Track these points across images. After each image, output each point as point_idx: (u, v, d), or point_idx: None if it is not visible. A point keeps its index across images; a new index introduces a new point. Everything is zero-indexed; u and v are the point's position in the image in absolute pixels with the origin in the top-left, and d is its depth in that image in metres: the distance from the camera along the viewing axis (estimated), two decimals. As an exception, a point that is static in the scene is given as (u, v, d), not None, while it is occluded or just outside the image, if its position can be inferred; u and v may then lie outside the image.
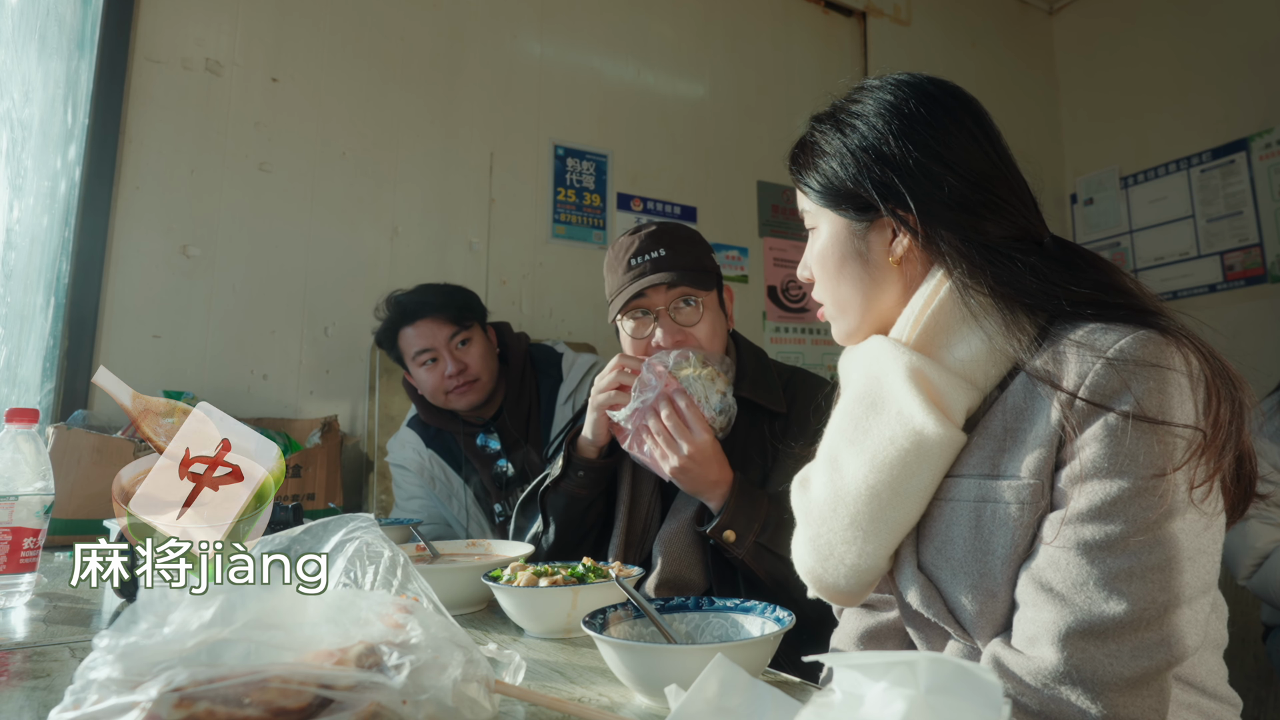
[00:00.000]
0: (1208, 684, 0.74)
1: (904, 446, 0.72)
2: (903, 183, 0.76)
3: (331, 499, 1.98)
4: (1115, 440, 0.64)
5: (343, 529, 0.63)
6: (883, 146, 0.78)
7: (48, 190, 1.99)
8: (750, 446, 1.28)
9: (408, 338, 1.86)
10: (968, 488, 0.72)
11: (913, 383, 0.73)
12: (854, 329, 0.85)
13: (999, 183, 0.77)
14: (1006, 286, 0.72)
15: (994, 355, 0.73)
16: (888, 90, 0.82)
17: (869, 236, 0.81)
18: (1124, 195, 3.53)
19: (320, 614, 0.49)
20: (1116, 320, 0.68)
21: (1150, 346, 0.65)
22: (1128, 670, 0.61)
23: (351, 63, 2.39)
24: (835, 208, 0.82)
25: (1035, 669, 0.64)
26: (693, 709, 0.44)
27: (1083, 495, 0.65)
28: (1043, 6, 3.92)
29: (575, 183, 2.71)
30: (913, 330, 0.76)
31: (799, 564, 0.81)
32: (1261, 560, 1.67)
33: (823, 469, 0.79)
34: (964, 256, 0.74)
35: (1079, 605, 0.63)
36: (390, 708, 0.44)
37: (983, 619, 0.70)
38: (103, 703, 0.41)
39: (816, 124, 0.86)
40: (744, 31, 3.13)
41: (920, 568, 0.75)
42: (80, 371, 1.94)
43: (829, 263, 0.84)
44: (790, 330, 3.08)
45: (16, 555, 1.01)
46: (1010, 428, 0.71)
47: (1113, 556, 0.63)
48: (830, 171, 0.82)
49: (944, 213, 0.75)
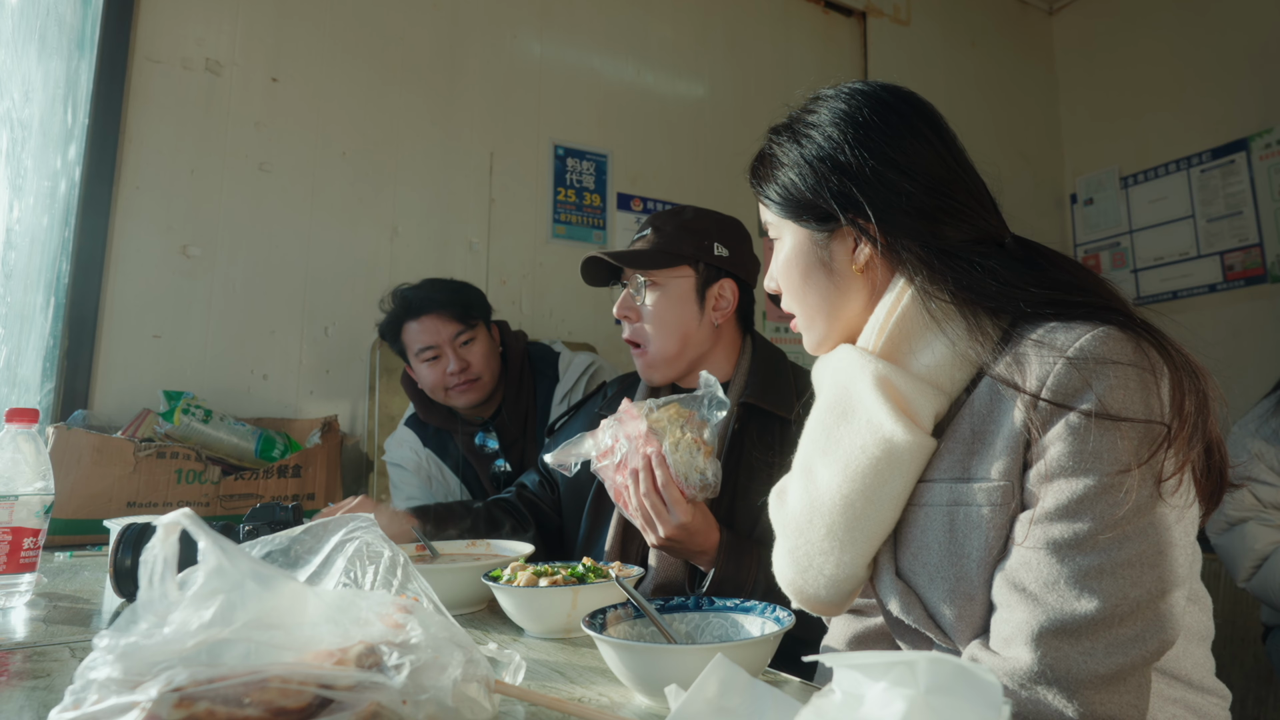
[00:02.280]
0: (1194, 677, 0.74)
1: (875, 454, 0.72)
2: (860, 192, 0.77)
3: (331, 499, 1.98)
4: (1079, 439, 0.64)
5: (343, 529, 0.63)
6: (839, 156, 0.79)
7: (48, 190, 1.99)
8: (756, 455, 1.25)
9: (411, 332, 1.85)
10: (940, 492, 0.72)
11: (880, 391, 0.73)
12: (823, 338, 0.86)
13: (956, 187, 0.78)
14: (967, 291, 0.73)
15: (959, 360, 0.73)
16: (842, 99, 0.82)
17: (831, 246, 0.82)
18: (1124, 195, 3.53)
19: (320, 614, 0.49)
20: (1076, 318, 0.69)
21: (1110, 343, 0.65)
22: (1103, 667, 0.61)
23: (351, 63, 2.39)
24: (796, 219, 0.83)
25: (1011, 670, 0.64)
26: (693, 709, 0.44)
27: (1050, 495, 0.65)
28: (1043, 6, 3.92)
29: (575, 183, 2.71)
30: (878, 338, 0.77)
31: (780, 577, 0.81)
32: (1261, 562, 1.67)
33: (798, 480, 0.80)
34: (924, 263, 0.75)
35: (1051, 604, 0.63)
36: (390, 708, 0.44)
37: (962, 623, 0.70)
38: (103, 703, 0.41)
39: (774, 136, 0.87)
40: (744, 31, 3.13)
41: (899, 574, 0.75)
42: (80, 371, 1.94)
43: (794, 273, 0.85)
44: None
45: (16, 555, 1.01)
46: (978, 431, 0.71)
47: (1082, 554, 0.63)
48: (789, 182, 0.82)
49: (903, 220, 0.76)
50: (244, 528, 1.10)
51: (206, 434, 1.91)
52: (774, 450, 1.26)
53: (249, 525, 1.10)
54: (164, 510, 1.66)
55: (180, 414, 1.89)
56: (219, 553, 0.46)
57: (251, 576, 0.47)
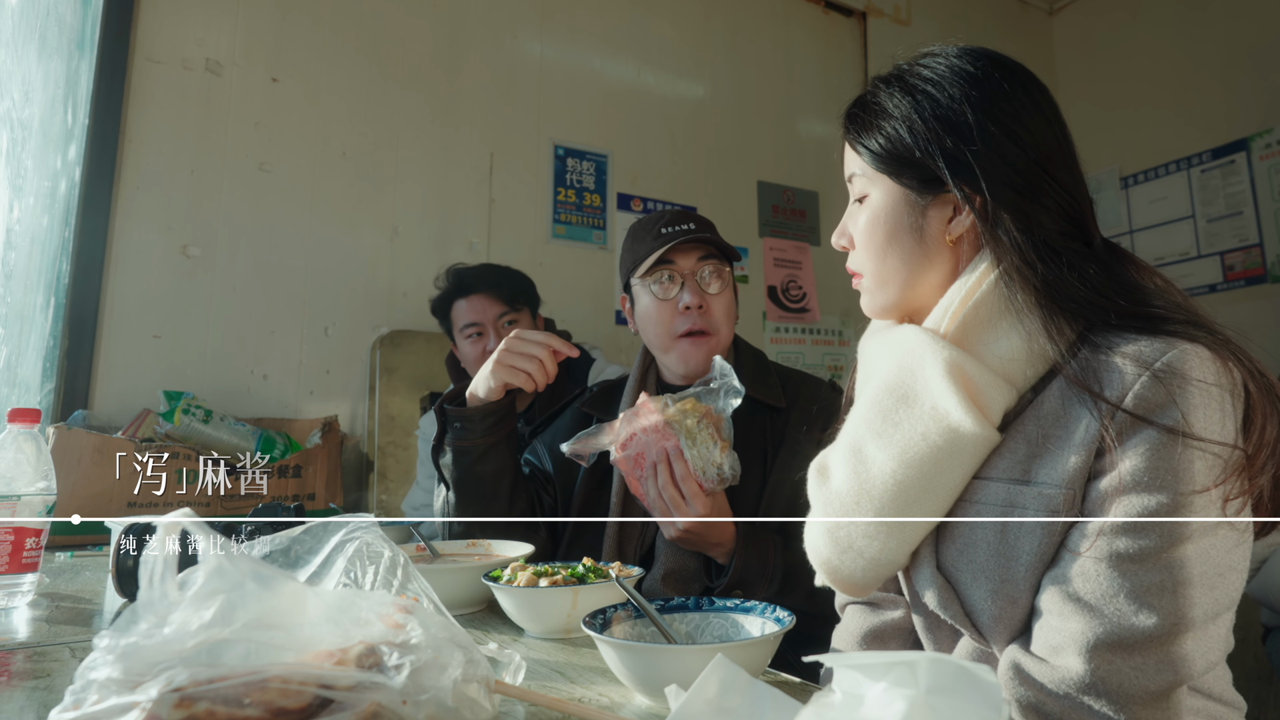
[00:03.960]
0: (1214, 689, 0.74)
1: (937, 443, 0.70)
2: (975, 158, 0.71)
3: (331, 499, 1.98)
4: (1158, 455, 0.62)
5: (343, 529, 0.63)
6: (957, 116, 0.73)
7: (48, 190, 1.99)
8: (751, 441, 1.28)
9: (459, 309, 1.91)
10: (996, 491, 0.70)
11: (951, 378, 0.70)
12: (891, 304, 0.81)
13: (1063, 169, 0.74)
14: (1053, 289, 0.70)
15: (1032, 355, 0.71)
16: (966, 59, 0.76)
17: (928, 211, 0.77)
18: (1124, 195, 3.53)
19: (320, 614, 0.49)
20: (1162, 333, 0.67)
21: (1197, 361, 0.64)
22: (1152, 684, 0.61)
23: (351, 62, 2.39)
24: (895, 175, 0.77)
25: (1060, 678, 0.63)
26: (693, 709, 0.44)
27: (1119, 507, 0.64)
28: (1043, 6, 3.92)
29: (575, 183, 2.71)
30: (951, 322, 0.73)
31: (813, 553, 0.79)
32: (1260, 564, 1.67)
33: (845, 459, 0.77)
34: (1019, 247, 0.71)
35: (1108, 617, 0.62)
36: (390, 708, 0.44)
37: (1001, 623, 0.69)
38: (103, 703, 0.41)
39: (881, 84, 0.80)
40: (744, 31, 3.13)
41: (939, 568, 0.74)
42: (80, 371, 1.94)
43: (878, 233, 0.79)
44: (790, 330, 3.07)
45: (19, 555, 1.01)
46: (1045, 433, 0.69)
47: (1145, 570, 0.62)
48: (895, 136, 0.76)
49: (1010, 196, 0.72)
50: (245, 528, 1.10)
51: (207, 434, 1.91)
52: (766, 437, 1.29)
53: (250, 525, 1.10)
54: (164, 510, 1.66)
55: (180, 414, 1.89)
56: (219, 553, 0.46)
57: (252, 577, 0.47)
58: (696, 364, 1.33)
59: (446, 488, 1.30)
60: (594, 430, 1.18)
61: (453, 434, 1.27)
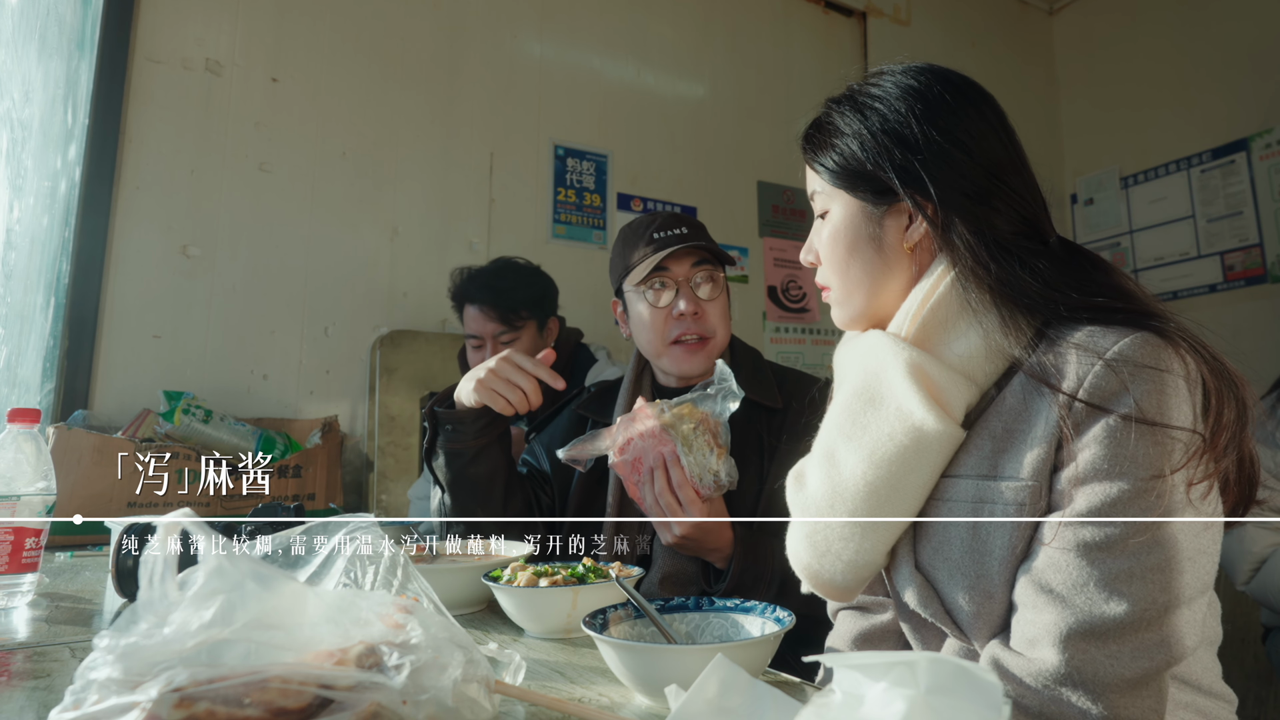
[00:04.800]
0: (1203, 681, 0.74)
1: (903, 443, 0.72)
2: (924, 167, 0.75)
3: (331, 499, 1.98)
4: (1115, 442, 0.64)
5: (343, 529, 0.63)
6: (904, 129, 0.77)
7: (48, 190, 1.99)
8: (748, 443, 1.27)
9: (467, 315, 1.97)
10: (965, 489, 0.72)
11: (912, 378, 0.72)
12: (859, 314, 0.84)
13: (1013, 175, 0.77)
14: (1007, 287, 0.72)
15: (991, 352, 0.73)
16: (910, 75, 0.81)
17: (884, 221, 0.80)
18: (1124, 195, 3.53)
19: (320, 614, 0.49)
20: (1115, 323, 0.68)
21: (1149, 349, 0.65)
22: (1128, 671, 0.61)
23: (351, 62, 2.39)
24: (851, 190, 0.81)
25: (1036, 670, 0.64)
26: (693, 709, 0.45)
27: (1082, 497, 0.65)
28: (1043, 6, 3.92)
29: (575, 183, 2.71)
30: (911, 325, 0.76)
31: (794, 560, 0.81)
32: (1259, 565, 1.67)
33: (819, 465, 0.79)
34: (971, 250, 0.73)
35: (1079, 606, 0.63)
36: (390, 708, 0.44)
37: (980, 620, 0.70)
38: (103, 703, 0.41)
39: (833, 105, 0.85)
40: (744, 31, 3.13)
41: (918, 567, 0.75)
42: (80, 371, 1.94)
43: (840, 245, 0.83)
44: (790, 330, 3.07)
45: (19, 555, 1.01)
46: (1009, 428, 0.71)
47: (1112, 558, 0.63)
48: (848, 152, 0.80)
49: (960, 201, 0.74)
50: (245, 528, 1.10)
51: (207, 434, 1.91)
52: (762, 440, 1.29)
53: (250, 525, 1.10)
54: (164, 510, 1.66)
55: (180, 414, 1.89)
56: (219, 553, 0.46)
57: (252, 577, 0.47)
58: (693, 369, 1.33)
59: (441, 490, 1.30)
60: (591, 435, 1.18)
61: (445, 437, 1.27)
